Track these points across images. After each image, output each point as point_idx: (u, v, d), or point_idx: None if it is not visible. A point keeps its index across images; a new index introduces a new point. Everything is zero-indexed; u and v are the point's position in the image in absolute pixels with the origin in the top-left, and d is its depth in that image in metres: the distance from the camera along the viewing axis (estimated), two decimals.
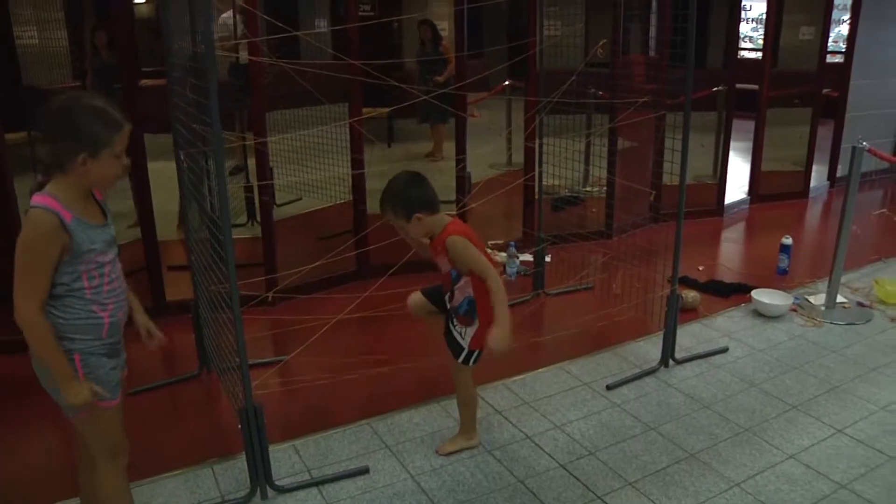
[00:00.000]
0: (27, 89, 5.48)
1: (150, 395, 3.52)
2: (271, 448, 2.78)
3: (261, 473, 2.71)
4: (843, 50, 7.15)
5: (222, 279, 2.60)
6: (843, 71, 7.06)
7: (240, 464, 2.90)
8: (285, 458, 2.97)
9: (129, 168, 2.10)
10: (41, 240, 1.96)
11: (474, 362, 2.88)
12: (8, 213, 3.74)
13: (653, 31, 5.98)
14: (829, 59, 7.01)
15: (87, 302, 2.06)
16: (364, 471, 2.88)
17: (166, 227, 4.95)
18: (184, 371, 3.68)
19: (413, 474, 2.87)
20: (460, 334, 2.84)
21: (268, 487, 2.74)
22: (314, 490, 2.79)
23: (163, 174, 4.28)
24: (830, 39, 6.95)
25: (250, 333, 2.59)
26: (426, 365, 3.59)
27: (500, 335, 2.60)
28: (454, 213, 3.01)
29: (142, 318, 2.37)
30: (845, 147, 7.18)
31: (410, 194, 2.69)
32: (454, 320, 2.86)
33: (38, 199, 1.98)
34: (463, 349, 2.84)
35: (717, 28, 10.80)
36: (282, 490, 2.76)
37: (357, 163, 4.65)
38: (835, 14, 6.98)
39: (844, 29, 7.19)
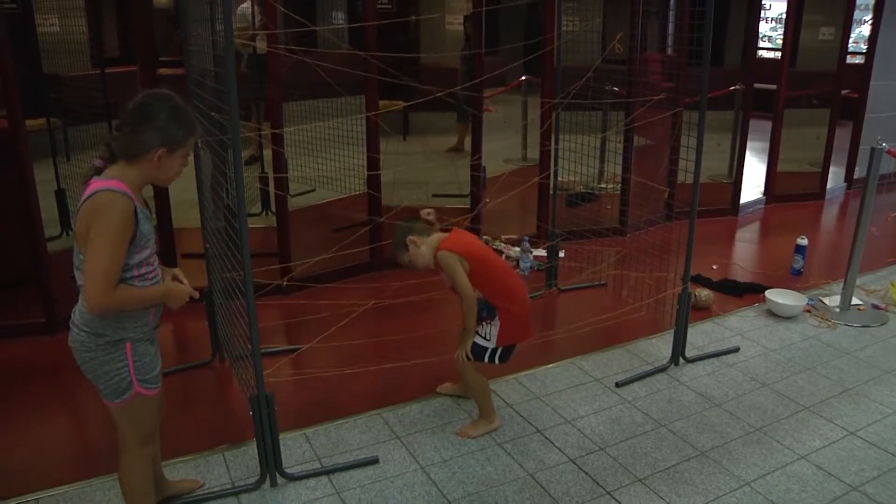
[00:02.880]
0: (47, 77, 5.52)
1: (163, 381, 3.53)
2: (282, 436, 2.80)
3: (271, 461, 2.73)
4: (864, 51, 7.09)
5: (237, 267, 2.61)
6: (864, 71, 6.99)
7: (250, 451, 2.92)
8: (296, 447, 2.99)
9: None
10: (122, 222, 1.98)
11: (500, 360, 3.04)
12: (27, 199, 3.76)
13: (670, 29, 5.95)
14: (849, 59, 6.95)
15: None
16: (374, 461, 2.89)
17: (181, 215, 4.99)
18: (197, 358, 3.70)
19: (423, 465, 2.88)
20: (483, 336, 2.99)
21: (278, 475, 2.76)
22: (324, 479, 2.80)
23: None
24: (851, 40, 6.89)
25: (263, 322, 2.61)
26: (438, 357, 3.59)
27: (460, 351, 2.99)
28: (460, 217, 3.14)
29: (168, 273, 2.33)
30: (863, 148, 7.13)
31: (399, 233, 2.99)
32: (479, 324, 3.02)
33: (109, 183, 1.99)
34: (487, 349, 2.99)
35: (736, 27, 10.73)
36: (292, 478, 2.78)
37: (373, 159, 4.66)
38: (856, 14, 6.90)
39: (866, 29, 7.12)
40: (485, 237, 5.24)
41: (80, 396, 3.43)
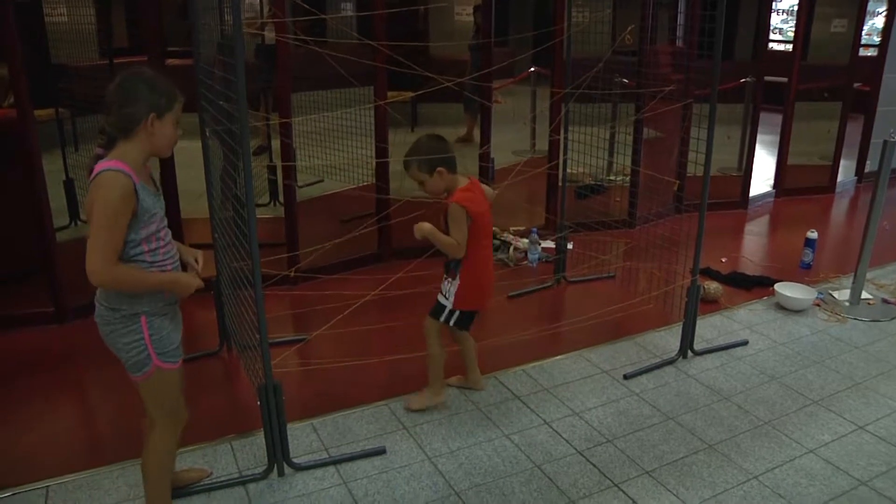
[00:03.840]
0: (55, 67, 5.52)
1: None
2: (289, 426, 2.81)
3: (278, 451, 2.74)
4: (877, 43, 7.02)
5: (245, 257, 2.61)
6: (877, 64, 6.93)
7: (258, 441, 2.93)
8: (303, 437, 3.00)
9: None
10: (120, 199, 2.06)
11: (457, 325, 3.12)
12: (36, 189, 3.77)
13: (681, 20, 5.91)
14: (862, 52, 6.89)
15: (148, 265, 2.18)
16: (381, 451, 2.90)
17: (189, 205, 4.99)
18: (204, 348, 3.71)
19: (430, 456, 2.88)
20: (444, 294, 3.07)
21: (285, 465, 2.77)
22: (331, 469, 2.80)
23: (186, 153, 4.30)
24: (864, 32, 6.83)
25: (271, 312, 2.61)
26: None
27: (423, 228, 2.93)
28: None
29: (185, 252, 2.42)
30: (875, 142, 7.08)
31: (435, 150, 2.94)
32: (445, 277, 3.10)
33: (107, 163, 2.08)
34: (445, 307, 3.07)
35: (747, 19, 10.65)
36: (299, 468, 2.79)
37: (381, 149, 4.65)
38: (870, 5, 6.84)
39: (879, 21, 7.05)
40: (493, 228, 5.21)
41: (88, 385, 3.44)
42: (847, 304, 4.32)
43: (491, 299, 3.26)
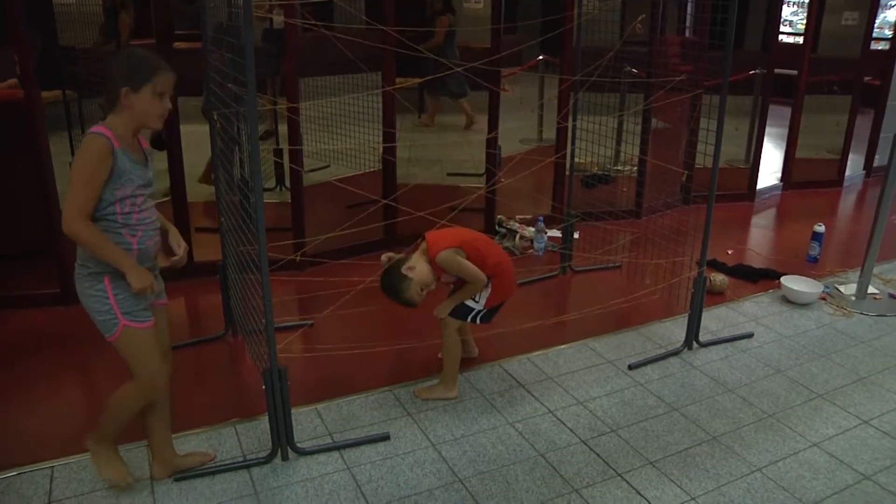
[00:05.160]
0: (63, 49, 5.51)
1: (176, 353, 3.51)
2: (294, 411, 2.81)
3: (283, 435, 2.74)
4: (889, 37, 6.97)
5: (252, 241, 2.60)
6: (888, 58, 6.88)
7: (262, 425, 2.93)
8: (307, 422, 3.00)
9: (169, 110, 2.35)
10: (95, 157, 2.21)
11: (482, 321, 3.19)
12: (42, 170, 3.77)
13: (690, 10, 5.87)
14: (873, 45, 6.83)
15: (119, 226, 2.29)
16: (385, 437, 2.90)
17: (196, 189, 4.99)
18: (210, 332, 3.71)
19: (434, 443, 2.89)
20: (474, 299, 3.13)
21: (289, 449, 2.77)
22: (335, 454, 2.81)
23: (194, 136, 4.30)
24: (875, 25, 6.77)
25: (277, 297, 2.61)
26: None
27: (444, 306, 3.13)
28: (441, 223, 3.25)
29: (174, 237, 2.54)
30: (884, 136, 7.04)
31: (391, 278, 3.03)
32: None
33: (93, 128, 2.26)
34: (474, 310, 3.14)
35: (756, 10, 10.59)
36: (303, 452, 2.79)
37: (389, 134, 4.64)
38: None
39: (891, 14, 7.00)
40: (499, 217, 5.22)
41: (93, 367, 3.45)
42: (853, 298, 4.31)
43: (517, 286, 3.30)
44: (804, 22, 6.60)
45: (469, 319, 3.16)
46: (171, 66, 2.30)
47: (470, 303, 3.13)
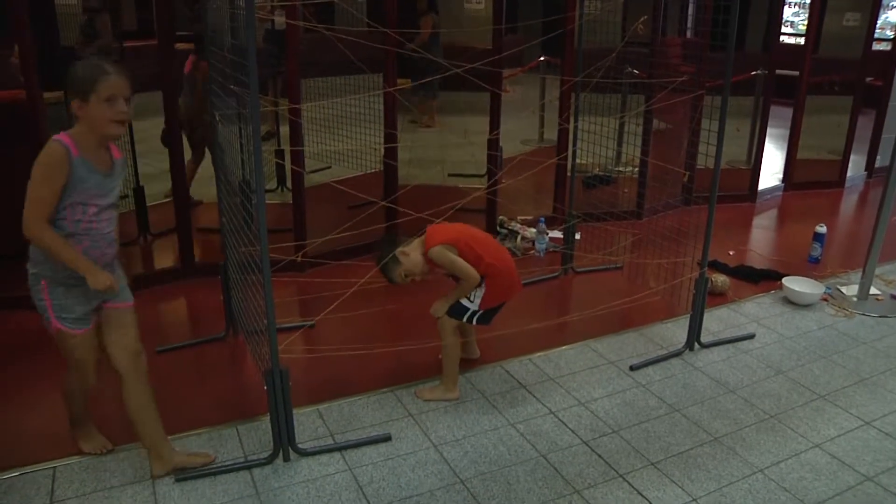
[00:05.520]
0: (64, 50, 5.51)
1: (178, 354, 3.56)
2: (295, 412, 2.80)
3: (284, 436, 2.74)
4: (891, 37, 6.96)
5: (253, 241, 2.60)
6: (890, 59, 6.88)
7: (264, 425, 2.93)
8: (309, 422, 3.00)
9: (127, 115, 2.36)
10: (52, 164, 2.28)
11: (479, 322, 3.18)
12: None
13: (691, 10, 5.87)
14: (875, 46, 6.83)
15: (64, 234, 2.34)
16: (387, 438, 2.90)
17: (197, 189, 4.99)
18: (211, 332, 3.71)
19: (435, 444, 2.89)
20: (469, 298, 3.12)
21: (291, 450, 2.77)
22: (337, 454, 2.81)
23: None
24: (877, 26, 6.76)
25: (278, 297, 2.61)
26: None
27: (440, 304, 3.13)
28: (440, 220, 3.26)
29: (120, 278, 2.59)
30: (886, 137, 7.03)
31: (384, 246, 3.11)
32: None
33: (56, 135, 2.33)
34: (469, 309, 3.12)
35: (757, 11, 10.58)
36: (304, 453, 2.79)
37: (390, 135, 4.64)
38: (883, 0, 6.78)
39: (893, 15, 6.99)
40: (500, 217, 5.22)
41: None
42: (855, 299, 4.30)
43: (519, 289, 3.26)
44: (805, 23, 6.58)
45: (465, 319, 3.15)
46: (121, 70, 2.33)
47: (465, 302, 3.12)
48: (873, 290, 4.35)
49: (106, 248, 2.45)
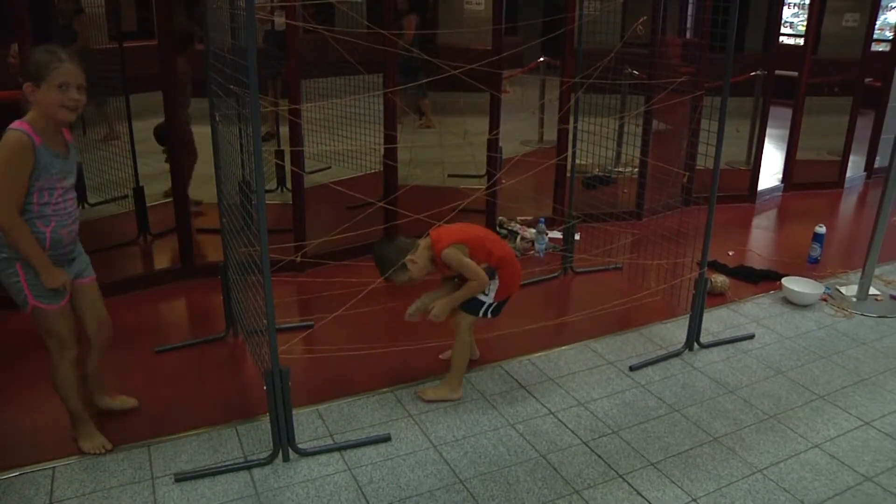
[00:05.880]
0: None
1: (177, 354, 3.56)
2: (295, 412, 2.81)
3: (284, 436, 2.74)
4: (890, 38, 6.97)
5: (253, 242, 2.61)
6: (889, 59, 6.88)
7: (263, 426, 2.93)
8: (308, 423, 3.00)
9: (78, 102, 2.45)
10: (18, 154, 2.36)
11: (493, 314, 3.20)
12: None
13: (691, 11, 5.88)
14: (874, 47, 6.83)
15: (32, 217, 2.44)
16: (386, 438, 2.90)
17: (197, 189, 4.99)
18: (211, 332, 3.72)
19: (435, 444, 2.89)
20: (484, 292, 3.14)
21: (290, 450, 2.77)
22: (336, 455, 2.81)
23: (196, 137, 4.30)
24: (876, 27, 6.77)
25: (278, 297, 2.61)
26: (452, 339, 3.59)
27: (443, 304, 3.12)
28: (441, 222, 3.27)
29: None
30: (885, 138, 7.04)
31: (390, 253, 3.10)
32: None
33: (14, 124, 2.40)
34: (485, 303, 3.15)
35: (757, 12, 10.58)
36: (304, 453, 2.79)
37: (390, 136, 4.64)
38: (883, 0, 6.78)
39: (892, 16, 6.99)
40: (500, 218, 5.22)
41: None
42: (854, 299, 4.31)
43: (521, 277, 3.33)
44: (805, 23, 6.58)
45: (481, 314, 3.17)
46: (75, 58, 2.43)
47: (481, 296, 3.14)
48: (873, 291, 4.35)
49: (71, 224, 2.58)
